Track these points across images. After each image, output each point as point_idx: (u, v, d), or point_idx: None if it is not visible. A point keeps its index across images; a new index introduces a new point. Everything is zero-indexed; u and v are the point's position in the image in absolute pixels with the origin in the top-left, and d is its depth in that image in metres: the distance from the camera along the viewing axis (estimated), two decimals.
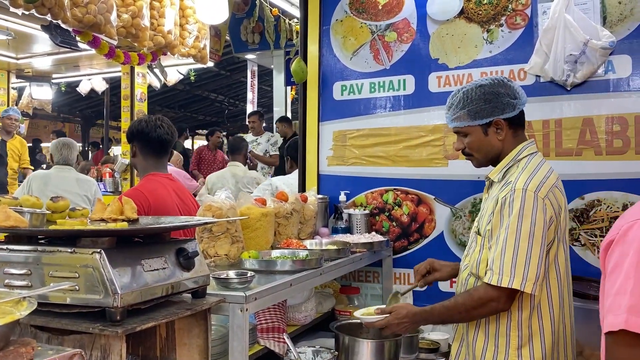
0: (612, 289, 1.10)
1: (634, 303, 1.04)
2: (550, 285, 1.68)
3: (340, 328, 2.15)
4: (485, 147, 1.82)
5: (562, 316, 1.69)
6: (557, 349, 1.70)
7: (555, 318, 1.67)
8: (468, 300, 1.67)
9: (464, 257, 1.89)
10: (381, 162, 2.89)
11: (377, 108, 2.91)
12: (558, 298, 1.68)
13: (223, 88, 13.42)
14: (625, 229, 1.11)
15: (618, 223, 1.15)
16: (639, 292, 1.05)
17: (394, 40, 2.87)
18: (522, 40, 2.59)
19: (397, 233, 2.85)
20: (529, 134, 2.53)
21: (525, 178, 1.66)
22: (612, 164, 2.42)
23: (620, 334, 1.06)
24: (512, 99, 1.78)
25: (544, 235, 1.60)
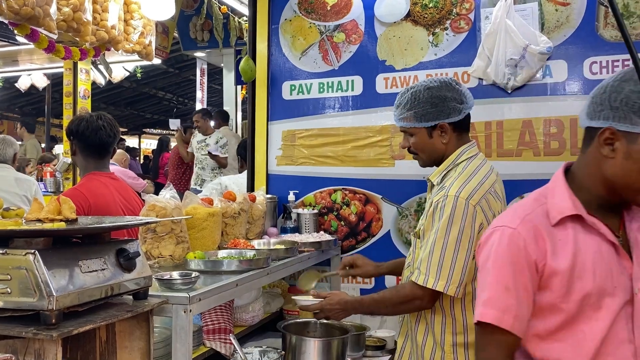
0: (479, 287, 1.28)
1: (488, 297, 1.23)
2: None
3: (288, 327, 2.14)
4: (429, 148, 1.87)
5: None
6: None
7: None
8: (395, 296, 1.76)
9: (408, 256, 1.94)
10: (330, 162, 2.91)
11: (326, 108, 2.93)
12: None
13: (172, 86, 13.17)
14: (489, 234, 1.29)
15: (487, 230, 1.33)
16: (492, 288, 1.23)
17: (343, 41, 2.90)
18: (466, 44, 2.67)
19: (345, 232, 2.87)
20: (472, 135, 2.60)
21: (459, 185, 1.71)
22: (550, 164, 2.52)
23: (479, 324, 1.25)
24: (458, 103, 1.82)
25: (471, 241, 1.66)
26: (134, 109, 15.04)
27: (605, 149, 1.19)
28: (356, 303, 1.89)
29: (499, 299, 1.22)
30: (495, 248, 1.25)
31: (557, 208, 1.26)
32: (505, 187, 2.54)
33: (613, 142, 1.18)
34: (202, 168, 6.23)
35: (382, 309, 1.87)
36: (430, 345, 1.78)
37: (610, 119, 1.18)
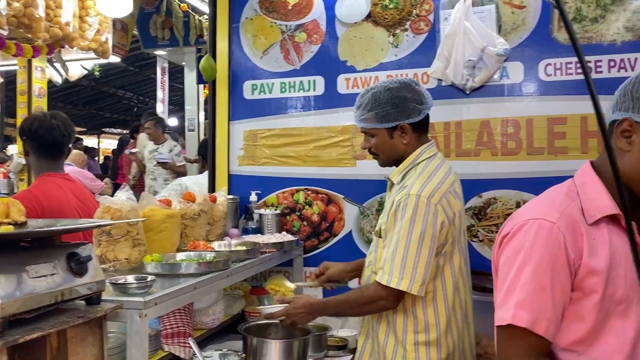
0: (503, 284, 1.14)
1: (521, 298, 1.10)
2: (445, 281, 1.76)
3: (248, 330, 2.12)
4: (389, 149, 1.88)
5: (455, 309, 1.78)
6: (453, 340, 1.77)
7: (449, 310, 1.75)
8: (359, 297, 1.76)
9: (368, 254, 1.94)
10: (292, 162, 2.89)
11: (288, 108, 2.91)
12: (452, 293, 1.76)
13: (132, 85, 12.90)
14: (518, 227, 1.15)
15: (511, 221, 1.19)
16: (526, 288, 1.10)
17: (304, 40, 2.89)
18: (425, 45, 2.69)
19: (308, 232, 2.86)
20: (432, 135, 2.64)
21: (421, 184, 1.72)
22: (507, 164, 2.58)
23: (508, 328, 1.11)
24: (418, 104, 1.84)
25: (433, 240, 1.68)
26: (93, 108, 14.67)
27: (622, 141, 1.13)
28: (321, 305, 1.87)
29: (534, 301, 1.09)
30: (531, 243, 1.11)
31: (596, 206, 1.15)
32: (464, 186, 2.58)
33: (630, 134, 1.12)
34: (154, 179, 5.93)
35: (347, 310, 1.86)
36: (392, 344, 1.79)
37: (629, 110, 1.12)
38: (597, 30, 2.47)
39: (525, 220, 1.14)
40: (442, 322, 1.75)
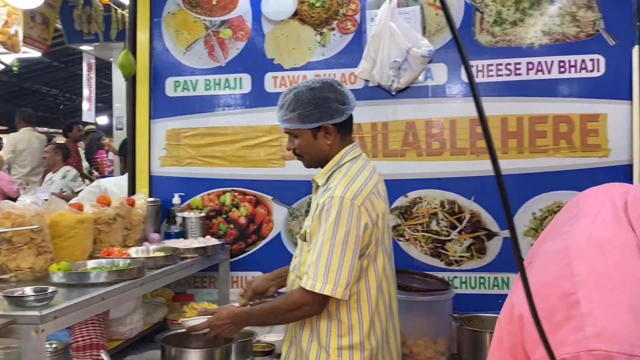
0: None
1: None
2: (369, 283, 1.74)
3: (167, 339, 2.01)
4: (314, 150, 1.84)
5: (378, 310, 1.76)
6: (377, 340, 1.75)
7: (372, 312, 1.73)
8: (284, 304, 1.71)
9: (293, 258, 1.90)
10: (218, 162, 2.80)
11: (213, 106, 2.82)
12: (376, 295, 1.74)
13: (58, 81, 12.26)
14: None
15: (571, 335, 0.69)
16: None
17: (229, 37, 2.80)
18: (352, 45, 2.68)
19: (235, 235, 2.78)
20: (359, 136, 2.63)
21: (344, 186, 1.70)
22: (431, 164, 2.60)
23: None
24: (341, 104, 1.81)
25: (356, 243, 1.65)
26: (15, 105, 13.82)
27: None
28: (246, 315, 1.81)
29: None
30: None
31: None
32: (390, 186, 2.58)
33: None
34: None
35: (271, 318, 1.80)
36: (315, 350, 1.75)
37: None
38: (516, 34, 2.53)
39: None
40: (365, 324, 1.72)
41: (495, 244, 2.54)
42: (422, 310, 2.35)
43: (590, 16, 2.47)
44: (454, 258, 2.58)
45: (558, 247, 0.77)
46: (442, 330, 2.38)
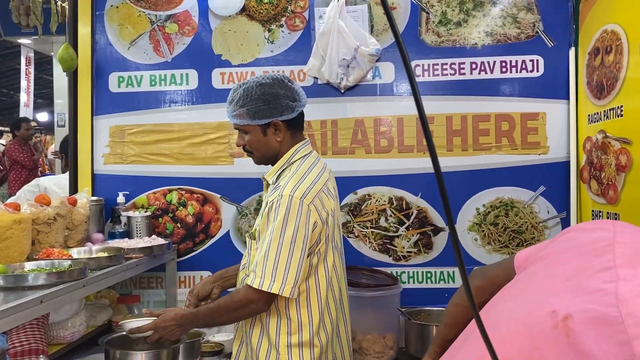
0: None
1: None
2: (319, 280, 1.74)
3: (111, 342, 1.96)
4: (263, 146, 1.82)
5: (328, 306, 1.77)
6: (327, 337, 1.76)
7: (322, 309, 1.74)
8: (229, 303, 1.69)
9: (243, 257, 1.88)
10: (164, 160, 2.74)
11: (159, 102, 2.75)
12: (325, 292, 1.75)
13: None
14: None
15: None
16: None
17: (175, 32, 2.74)
18: (301, 42, 2.67)
19: (182, 235, 2.73)
20: (309, 133, 2.63)
21: (294, 184, 1.69)
22: (380, 161, 2.63)
23: None
24: (291, 101, 1.80)
25: (305, 241, 1.65)
26: None
27: None
28: (192, 316, 1.77)
29: None
30: None
31: None
32: (340, 183, 2.60)
33: None
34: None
35: (217, 318, 1.77)
36: (265, 348, 1.74)
37: None
38: (460, 34, 2.60)
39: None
40: (315, 322, 1.73)
41: (441, 239, 2.60)
42: (371, 305, 2.38)
43: (530, 18, 2.56)
44: (401, 253, 2.62)
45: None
46: (390, 325, 2.42)
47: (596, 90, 2.27)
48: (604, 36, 2.19)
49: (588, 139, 2.36)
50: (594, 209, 2.29)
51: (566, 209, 2.50)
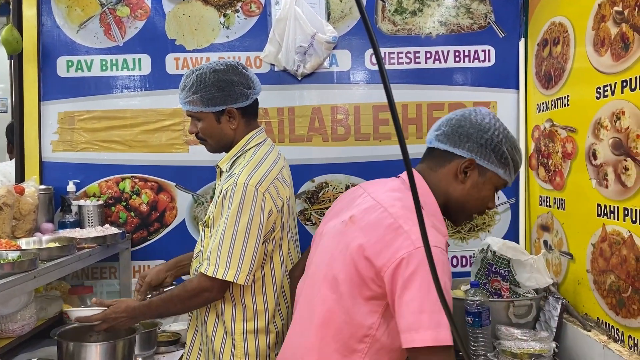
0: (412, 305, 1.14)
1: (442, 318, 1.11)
2: (274, 267, 1.75)
3: (64, 334, 1.91)
4: (217, 134, 1.81)
5: (284, 293, 1.79)
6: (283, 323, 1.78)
7: (277, 296, 1.76)
8: (182, 292, 1.68)
9: (196, 245, 1.87)
10: (117, 147, 2.67)
11: (110, 88, 2.67)
12: (281, 278, 1.77)
13: None
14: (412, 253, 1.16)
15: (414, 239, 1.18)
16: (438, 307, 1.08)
17: (127, 15, 2.66)
18: (257, 28, 2.65)
19: (136, 224, 2.67)
20: (266, 121, 2.62)
21: (248, 172, 1.69)
22: (337, 149, 2.65)
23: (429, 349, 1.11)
24: (245, 88, 1.78)
25: (260, 229, 1.65)
26: None
27: (461, 175, 1.37)
28: (144, 308, 1.74)
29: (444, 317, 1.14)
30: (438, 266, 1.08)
31: (442, 232, 1.34)
32: (297, 171, 2.61)
33: (468, 171, 1.37)
34: None
35: (171, 308, 1.76)
36: (220, 336, 1.74)
37: (474, 153, 1.36)
38: (415, 23, 2.63)
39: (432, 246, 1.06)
40: (270, 308, 1.74)
41: None
42: None
43: (482, 9, 2.62)
44: None
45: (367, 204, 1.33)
46: None
47: (544, 81, 2.35)
48: (552, 28, 2.27)
49: (536, 128, 2.45)
50: (541, 195, 2.39)
51: (515, 195, 2.59)
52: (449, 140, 1.39)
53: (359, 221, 1.30)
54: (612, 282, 1.79)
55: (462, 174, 1.37)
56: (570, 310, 2.05)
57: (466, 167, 1.37)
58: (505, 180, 1.43)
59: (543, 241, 2.37)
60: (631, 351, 1.68)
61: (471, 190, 1.38)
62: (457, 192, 1.38)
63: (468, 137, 1.37)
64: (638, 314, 1.64)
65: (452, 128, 1.40)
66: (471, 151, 1.37)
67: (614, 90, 1.77)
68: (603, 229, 1.84)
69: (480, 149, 1.36)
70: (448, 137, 1.39)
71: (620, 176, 1.73)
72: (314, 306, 1.32)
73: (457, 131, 1.39)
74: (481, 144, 1.37)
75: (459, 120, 1.40)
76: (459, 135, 1.38)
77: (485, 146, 1.37)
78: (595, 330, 1.89)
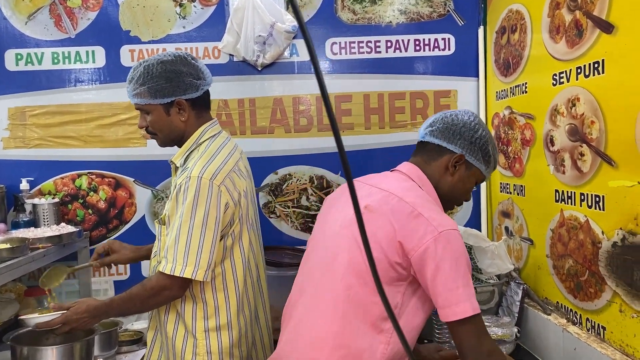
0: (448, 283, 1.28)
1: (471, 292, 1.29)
2: (234, 262, 1.71)
3: (18, 338, 1.83)
4: (167, 127, 1.75)
5: (246, 288, 1.75)
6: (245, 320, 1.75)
7: (240, 291, 1.72)
8: (142, 291, 1.63)
9: (154, 244, 1.81)
10: (71, 143, 2.58)
11: (63, 82, 2.58)
12: (243, 273, 1.73)
13: None
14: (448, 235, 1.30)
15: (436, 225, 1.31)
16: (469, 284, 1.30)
17: (79, 6, 2.56)
18: (215, 18, 2.59)
19: (94, 221, 2.60)
20: (227, 113, 2.57)
21: (202, 165, 1.64)
22: (300, 140, 2.63)
23: (473, 318, 1.27)
24: (195, 79, 1.73)
25: (217, 223, 1.61)
26: None
27: (452, 168, 1.48)
28: (105, 307, 1.69)
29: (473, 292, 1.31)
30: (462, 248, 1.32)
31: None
32: (260, 163, 2.59)
33: (458, 165, 1.48)
34: None
35: (133, 306, 1.70)
36: (181, 335, 1.69)
37: (465, 150, 1.48)
38: (375, 12, 2.61)
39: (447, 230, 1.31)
40: (232, 304, 1.70)
41: None
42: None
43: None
44: None
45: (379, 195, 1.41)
46: None
47: (503, 68, 2.37)
48: (510, 15, 2.29)
49: (496, 115, 2.47)
50: (502, 182, 2.42)
51: None
52: (443, 136, 1.50)
53: (378, 209, 1.37)
54: (570, 266, 1.82)
55: (453, 167, 1.49)
56: (531, 295, 2.08)
57: (457, 161, 1.49)
58: (485, 176, 1.55)
59: (504, 227, 2.40)
60: (589, 333, 1.72)
61: (458, 182, 1.50)
62: (446, 184, 1.50)
63: (460, 134, 1.49)
64: (595, 297, 1.68)
65: (446, 125, 1.51)
66: (462, 147, 1.49)
67: (569, 77, 1.79)
68: (561, 214, 1.87)
69: (470, 146, 1.49)
70: (442, 133, 1.50)
71: (576, 162, 1.76)
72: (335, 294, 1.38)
73: (450, 129, 1.50)
74: (471, 142, 1.49)
75: (452, 119, 1.52)
76: (452, 133, 1.50)
77: (475, 144, 1.49)
78: (555, 314, 1.93)
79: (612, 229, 1.57)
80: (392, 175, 1.52)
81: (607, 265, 1.60)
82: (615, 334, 1.58)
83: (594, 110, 1.65)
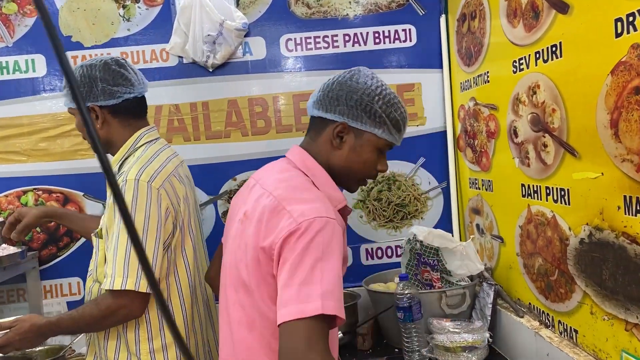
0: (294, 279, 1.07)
1: (327, 289, 1.06)
2: (179, 276, 1.59)
3: None
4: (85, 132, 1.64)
5: (196, 302, 1.65)
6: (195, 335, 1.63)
7: (187, 305, 1.60)
8: (95, 311, 1.49)
9: (91, 262, 1.67)
10: (14, 158, 2.42)
11: (2, 94, 2.42)
12: (188, 286, 1.60)
13: None
14: (307, 224, 1.11)
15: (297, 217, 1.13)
16: (330, 280, 1.07)
17: (15, 12, 2.41)
18: (161, 19, 2.44)
19: (43, 240, 2.44)
20: (179, 118, 2.43)
21: (138, 168, 1.52)
22: (258, 143, 2.49)
23: (313, 318, 1.03)
24: (110, 85, 1.61)
25: (159, 228, 1.48)
26: None
27: (336, 140, 1.29)
28: (52, 326, 1.56)
29: (336, 291, 1.08)
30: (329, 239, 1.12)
31: (336, 199, 1.29)
32: (216, 170, 2.45)
33: (343, 135, 1.29)
34: None
35: (83, 327, 1.57)
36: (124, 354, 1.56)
37: (345, 116, 1.28)
38: (331, 5, 2.48)
39: (308, 219, 1.12)
40: (178, 321, 1.57)
41: None
42: None
43: None
44: None
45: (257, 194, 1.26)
46: None
47: (466, 58, 2.25)
48: (469, 2, 2.17)
49: (462, 107, 2.35)
50: (470, 177, 2.30)
51: (446, 179, 2.49)
52: (322, 106, 1.32)
53: (251, 215, 1.23)
54: (540, 265, 1.70)
55: (337, 139, 1.30)
56: (503, 296, 1.96)
57: (339, 131, 1.30)
58: (388, 140, 1.33)
59: (475, 225, 2.29)
60: (561, 337, 1.60)
61: (350, 154, 1.30)
62: (337, 159, 1.31)
63: (338, 100, 1.30)
64: (565, 298, 1.56)
65: (323, 93, 1.33)
66: (342, 114, 1.29)
67: (529, 63, 1.67)
68: (528, 210, 1.75)
69: (350, 111, 1.29)
70: (321, 103, 1.32)
71: (540, 154, 1.64)
72: (231, 314, 1.26)
73: (327, 95, 1.32)
74: (351, 105, 1.29)
75: (330, 84, 1.34)
76: (329, 100, 1.31)
77: (355, 107, 1.29)
78: (527, 317, 1.81)
79: (579, 224, 1.45)
80: (277, 166, 1.35)
81: (575, 264, 1.49)
82: (588, 338, 1.46)
83: (554, 98, 1.53)
